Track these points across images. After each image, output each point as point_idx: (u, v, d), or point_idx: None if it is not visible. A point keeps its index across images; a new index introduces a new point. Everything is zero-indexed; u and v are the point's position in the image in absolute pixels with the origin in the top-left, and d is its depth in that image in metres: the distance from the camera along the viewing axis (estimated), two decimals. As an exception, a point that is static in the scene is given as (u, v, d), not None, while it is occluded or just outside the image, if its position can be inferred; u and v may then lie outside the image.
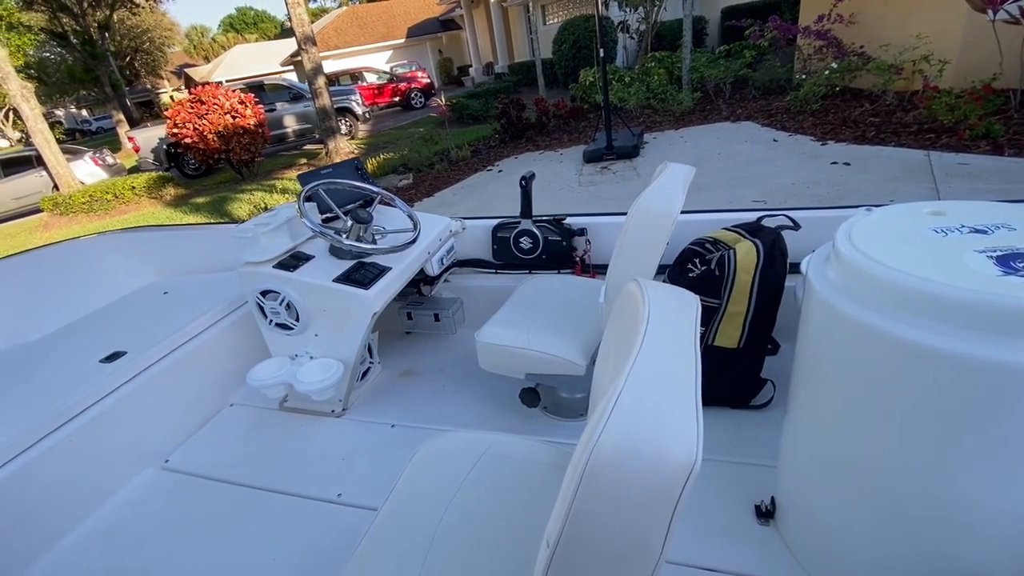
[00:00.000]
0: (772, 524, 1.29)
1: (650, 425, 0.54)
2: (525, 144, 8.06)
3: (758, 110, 7.36)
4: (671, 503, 0.51)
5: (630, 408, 0.55)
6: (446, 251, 2.14)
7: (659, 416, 0.55)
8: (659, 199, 1.24)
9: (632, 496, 0.52)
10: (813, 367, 1.06)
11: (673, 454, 0.51)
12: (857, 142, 5.68)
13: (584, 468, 0.53)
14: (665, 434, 0.53)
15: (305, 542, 1.45)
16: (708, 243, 1.70)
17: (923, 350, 0.81)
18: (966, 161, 4.71)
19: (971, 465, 0.84)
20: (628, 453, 0.52)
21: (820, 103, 6.69)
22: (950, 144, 5.04)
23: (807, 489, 1.18)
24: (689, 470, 0.51)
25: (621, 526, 0.53)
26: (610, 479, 0.52)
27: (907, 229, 0.98)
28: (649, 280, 0.82)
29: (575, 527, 0.54)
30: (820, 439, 1.10)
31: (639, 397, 0.56)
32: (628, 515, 0.53)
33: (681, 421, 0.54)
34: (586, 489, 0.53)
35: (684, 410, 0.55)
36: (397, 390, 2.06)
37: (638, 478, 0.51)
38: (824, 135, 6.02)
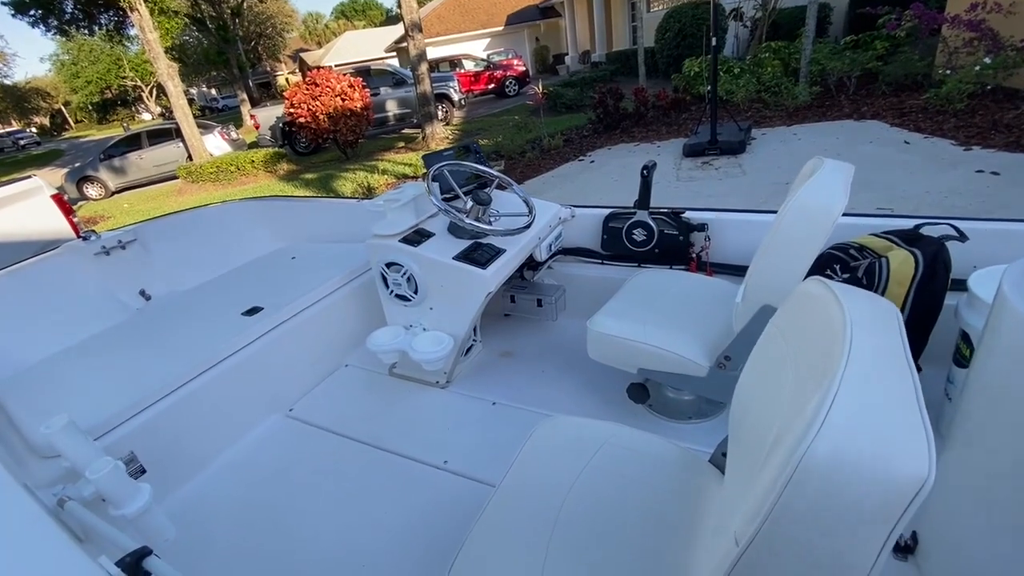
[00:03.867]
0: (911, 560, 1.18)
1: (872, 434, 0.50)
2: (620, 135, 7.87)
3: (888, 108, 6.64)
4: (889, 524, 0.48)
5: (847, 414, 0.52)
6: (554, 238, 2.14)
7: (881, 424, 0.51)
8: (819, 196, 1.15)
9: (847, 507, 0.49)
10: (998, 396, 0.94)
11: (901, 470, 0.47)
12: (1009, 149, 4.97)
13: (793, 471, 0.50)
14: (891, 442, 0.49)
15: (412, 502, 1.54)
16: (853, 249, 1.57)
17: None
18: None
19: None
20: (847, 461, 0.49)
21: (966, 103, 5.91)
22: None
23: (961, 527, 1.06)
24: (918, 489, 0.47)
25: (828, 538, 0.50)
26: (821, 487, 0.50)
27: None
28: (843, 286, 0.77)
29: (775, 530, 0.52)
30: (991, 475, 0.98)
31: (855, 403, 0.53)
32: (841, 526, 0.50)
33: (909, 431, 0.50)
34: (794, 492, 0.51)
35: (910, 421, 0.51)
36: (497, 369, 2.11)
37: (858, 488, 0.48)
38: (968, 139, 5.32)
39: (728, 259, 2.01)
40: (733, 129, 6.53)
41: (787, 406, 0.66)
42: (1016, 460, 0.93)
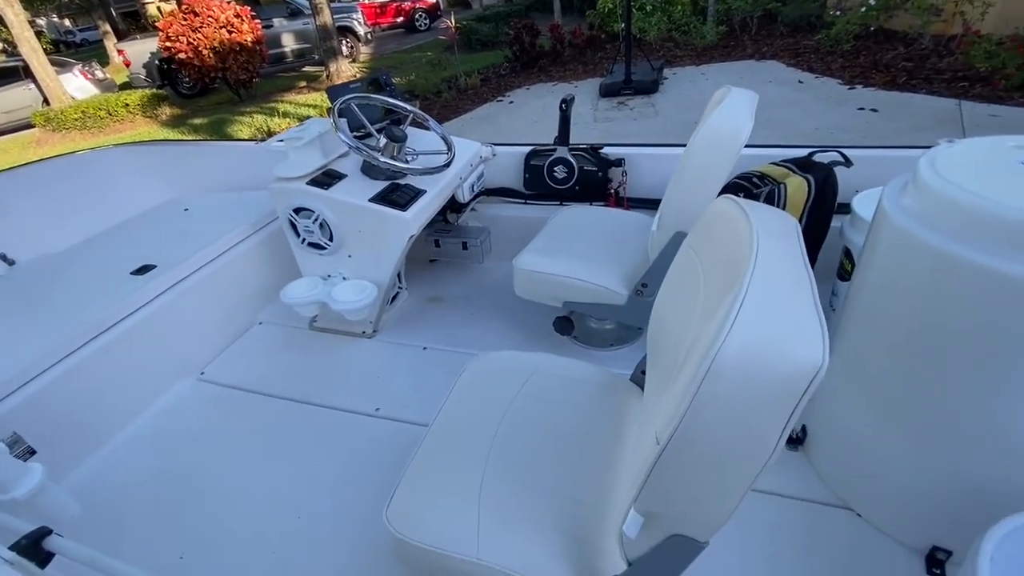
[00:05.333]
0: (801, 450, 1.36)
1: (775, 328, 0.54)
2: (537, 74, 7.70)
3: (785, 48, 7.01)
4: (792, 404, 0.53)
5: (753, 313, 0.55)
6: (476, 178, 2.08)
7: (783, 320, 0.55)
8: (727, 123, 1.19)
9: (756, 395, 0.53)
10: (875, 300, 1.07)
11: (801, 353, 0.52)
12: (887, 88, 5.46)
13: (707, 369, 0.53)
14: (791, 338, 0.53)
15: (346, 451, 1.51)
16: (755, 177, 1.67)
17: (1007, 279, 0.81)
18: (997, 113, 4.57)
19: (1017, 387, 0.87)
20: (753, 354, 0.53)
21: (852, 43, 6.37)
22: (983, 94, 4.86)
23: (842, 418, 1.22)
24: (816, 371, 0.51)
25: (739, 424, 0.55)
26: (733, 379, 0.53)
27: (994, 161, 0.95)
28: (754, 203, 0.80)
29: (691, 425, 0.56)
30: (868, 371, 1.12)
31: (761, 304, 0.56)
32: (748, 413, 0.54)
33: (805, 325, 0.54)
34: (707, 389, 0.54)
35: (807, 316, 0.55)
36: (426, 315, 2.08)
37: (763, 377, 0.52)
38: (853, 78, 5.77)
39: (644, 193, 2.07)
40: (646, 68, 6.60)
41: (700, 315, 0.70)
42: (889, 357, 1.07)
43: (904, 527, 1.12)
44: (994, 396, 0.90)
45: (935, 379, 0.97)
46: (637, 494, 0.63)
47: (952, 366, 0.94)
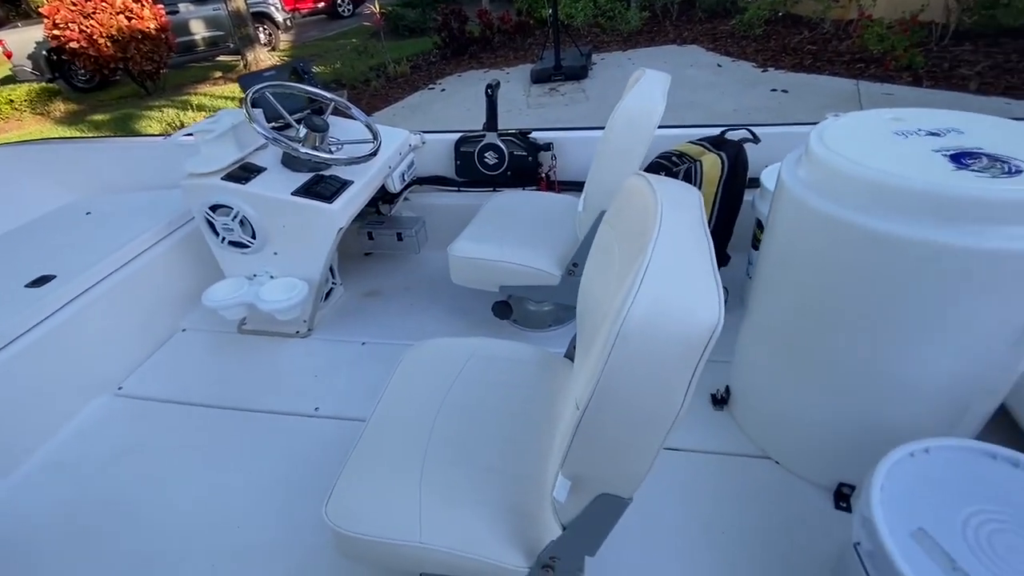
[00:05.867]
0: (726, 409, 1.46)
1: (676, 293, 0.58)
2: (468, 60, 7.61)
3: (704, 33, 7.32)
4: (695, 359, 0.57)
5: (657, 280, 0.59)
6: (407, 166, 2.05)
7: (683, 286, 0.59)
8: (641, 104, 1.24)
9: (661, 355, 0.57)
10: (779, 265, 1.16)
11: (699, 315, 0.56)
12: (795, 70, 5.84)
13: (616, 335, 0.56)
14: (691, 299, 0.57)
15: (286, 454, 1.47)
16: (674, 156, 1.74)
17: (887, 238, 0.90)
18: (890, 91, 5.00)
19: (912, 336, 0.98)
20: (657, 317, 0.56)
21: (763, 28, 6.75)
22: (877, 74, 5.30)
23: (758, 375, 1.32)
24: (713, 330, 0.56)
25: (649, 384, 0.58)
26: (640, 342, 0.57)
27: (873, 132, 1.05)
28: (662, 178, 0.84)
29: (606, 389, 0.59)
30: (777, 330, 1.22)
31: (663, 270, 0.60)
32: (656, 373, 0.58)
33: (703, 288, 0.58)
34: (617, 353, 0.57)
35: (704, 279, 0.60)
36: (363, 310, 2.04)
37: (666, 338, 0.56)
38: (765, 62, 6.13)
39: (574, 176, 2.12)
40: (575, 54, 6.69)
41: (615, 285, 0.73)
42: (794, 315, 1.16)
43: (815, 468, 1.24)
44: (882, 343, 1.01)
45: (833, 332, 1.07)
46: (563, 459, 0.66)
47: (846, 319, 1.04)
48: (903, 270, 0.92)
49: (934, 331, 0.95)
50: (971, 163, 0.90)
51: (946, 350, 0.96)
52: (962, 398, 1.03)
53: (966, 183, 0.85)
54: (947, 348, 0.96)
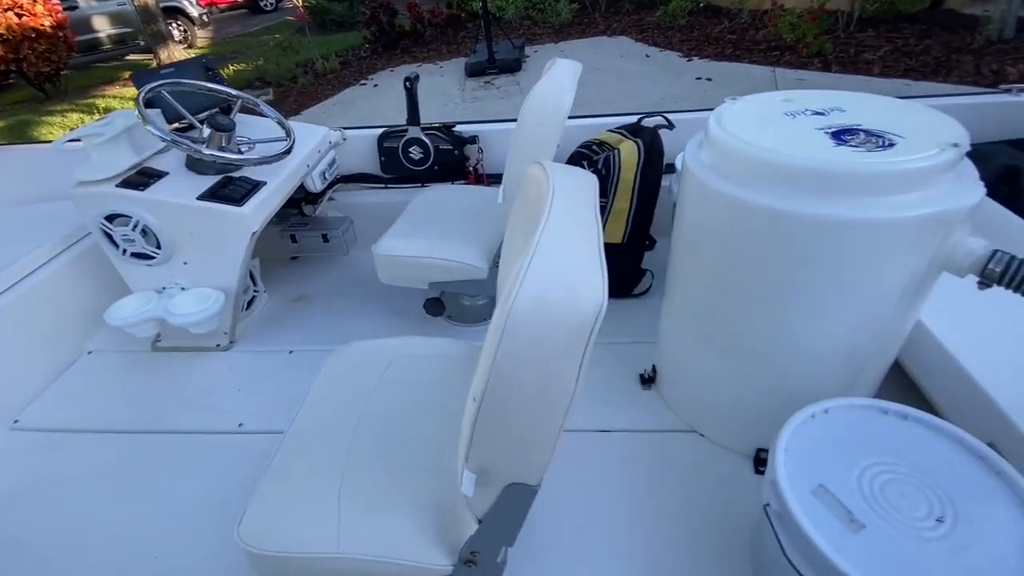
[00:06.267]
0: (653, 388, 1.50)
1: (561, 278, 0.58)
2: (400, 55, 7.45)
3: (632, 24, 7.50)
4: (583, 342, 0.57)
5: (542, 267, 0.58)
6: (328, 164, 1.97)
7: (568, 271, 0.59)
8: (549, 94, 1.25)
9: (549, 340, 0.57)
10: (689, 246, 1.19)
11: (583, 299, 0.56)
12: (718, 59, 6.09)
13: (504, 324, 0.56)
14: (575, 284, 0.57)
15: (208, 475, 1.38)
16: (595, 145, 1.77)
17: (777, 213, 0.95)
18: (803, 77, 5.31)
19: (809, 306, 1.03)
20: (543, 304, 0.56)
21: (686, 19, 6.99)
22: (791, 61, 5.61)
23: (681, 354, 1.37)
24: (598, 310, 0.56)
25: (540, 370, 0.58)
26: (528, 330, 0.56)
27: (765, 113, 1.10)
28: (559, 165, 0.85)
29: (499, 378, 0.58)
30: (693, 310, 1.26)
31: (550, 257, 0.60)
32: (546, 358, 0.57)
33: (587, 272, 0.59)
34: (507, 343, 0.56)
35: (589, 263, 0.60)
36: (290, 317, 1.95)
37: (554, 323, 0.56)
38: (690, 51, 6.35)
39: (501, 168, 2.11)
40: (508, 47, 6.69)
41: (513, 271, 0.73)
42: (705, 292, 1.20)
43: (736, 437, 1.30)
44: (783, 314, 1.06)
45: (740, 306, 1.12)
46: (466, 453, 0.65)
47: (750, 293, 1.08)
48: (794, 243, 0.97)
49: (827, 299, 1.01)
50: (849, 139, 0.95)
51: (839, 316, 1.02)
52: (858, 359, 1.10)
53: (843, 158, 0.90)
54: (840, 314, 1.02)
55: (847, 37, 5.78)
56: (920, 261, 0.94)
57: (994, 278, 0.90)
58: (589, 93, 5.77)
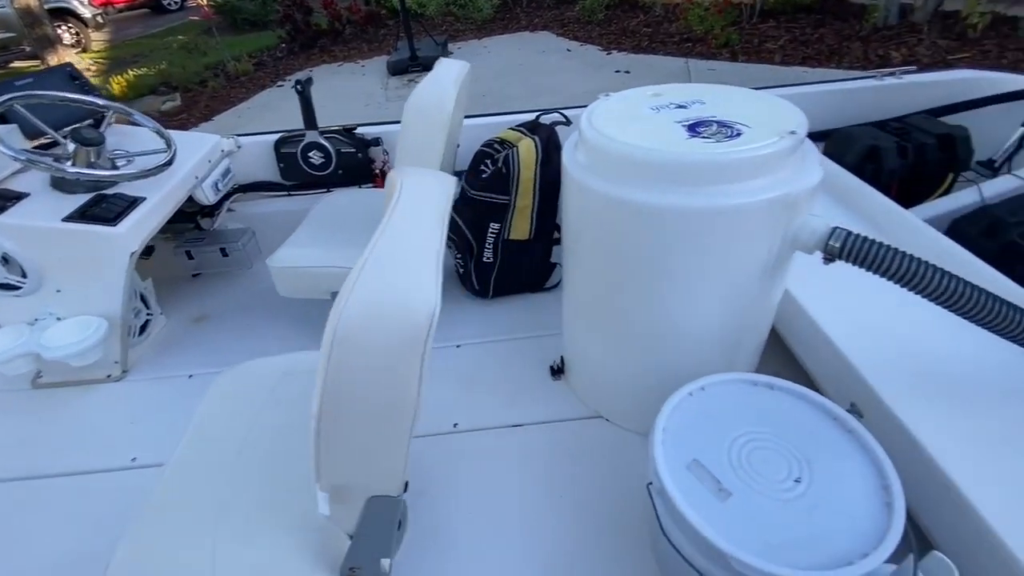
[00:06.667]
0: (563, 378, 1.53)
1: (394, 285, 0.57)
2: (319, 54, 7.19)
3: (554, 19, 7.60)
4: (419, 348, 0.57)
5: (374, 275, 0.58)
6: (221, 174, 1.87)
7: (402, 277, 0.58)
8: (430, 95, 1.24)
9: (383, 349, 0.56)
10: (575, 240, 1.22)
11: (416, 305, 0.56)
12: (635, 52, 6.28)
13: (333, 336, 0.55)
14: (408, 290, 0.57)
15: (96, 517, 1.28)
16: (496, 143, 1.77)
17: (641, 206, 0.98)
18: (714, 67, 5.57)
19: (683, 290, 1.08)
20: (375, 312, 0.55)
21: (604, 13, 7.16)
22: (702, 52, 5.88)
23: (581, 343, 1.40)
24: (431, 315, 0.56)
25: (377, 381, 0.57)
26: (360, 339, 0.55)
27: (632, 109, 1.14)
28: (412, 167, 0.84)
29: (334, 394, 0.57)
30: (585, 300, 1.30)
31: (383, 264, 0.59)
32: (383, 367, 0.57)
33: (421, 277, 0.58)
34: (339, 355, 0.55)
35: (424, 268, 0.60)
36: (191, 339, 1.84)
37: (386, 331, 0.55)
38: (609, 45, 6.52)
39: None
40: (431, 44, 6.60)
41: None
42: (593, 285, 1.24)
43: (634, 420, 1.35)
44: (662, 299, 1.11)
45: (624, 295, 1.16)
46: (316, 473, 0.63)
47: (631, 282, 1.13)
48: (660, 233, 1.01)
49: (697, 283, 1.07)
50: (703, 131, 1.01)
51: (710, 297, 1.08)
52: (733, 335, 1.17)
53: (694, 149, 0.95)
54: (710, 295, 1.08)
55: (751, 28, 6.11)
56: (773, 241, 1.01)
57: (835, 253, 0.98)
58: (514, 89, 5.82)
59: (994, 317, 0.90)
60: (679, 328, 1.15)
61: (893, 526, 0.81)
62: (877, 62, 4.97)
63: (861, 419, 1.12)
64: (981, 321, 0.91)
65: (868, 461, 0.92)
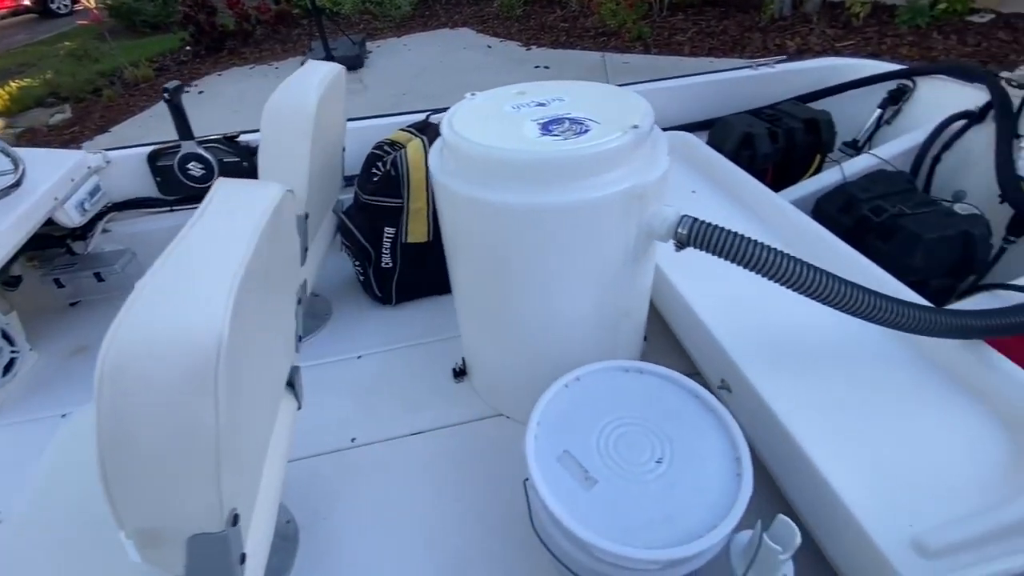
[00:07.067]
0: (466, 379, 1.53)
1: (173, 311, 0.54)
2: (229, 57, 6.82)
3: (473, 16, 7.57)
4: (210, 377, 0.53)
5: (151, 301, 0.54)
6: (88, 193, 1.72)
7: (183, 302, 0.55)
8: (290, 99, 1.19)
9: (163, 384, 0.52)
10: (452, 244, 1.21)
11: (197, 332, 0.53)
12: (554, 46, 6.36)
13: (100, 374, 0.51)
14: (189, 315, 0.54)
15: None
16: (386, 145, 1.74)
17: (498, 206, 0.99)
18: (628, 60, 5.73)
19: (556, 284, 1.10)
20: (149, 343, 0.52)
21: (522, 9, 7.20)
22: (617, 46, 6.03)
23: (476, 343, 1.40)
24: (218, 342, 0.53)
25: (161, 418, 0.54)
26: (133, 374, 0.52)
27: (493, 109, 1.14)
28: (237, 180, 0.80)
29: (112, 436, 0.53)
30: (470, 300, 1.30)
31: (163, 289, 0.55)
32: (163, 404, 0.53)
33: (209, 301, 0.55)
34: (109, 394, 0.51)
35: (215, 291, 0.56)
36: (68, 374, 1.69)
37: (164, 363, 0.52)
38: (528, 40, 6.56)
39: None
40: (347, 44, 6.40)
41: None
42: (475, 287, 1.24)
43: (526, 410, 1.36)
44: (539, 294, 1.12)
45: (504, 294, 1.16)
46: (115, 519, 0.59)
47: (507, 280, 1.13)
48: (523, 230, 1.02)
49: (567, 276, 1.09)
50: (555, 128, 1.02)
51: (580, 289, 1.11)
52: (609, 323, 1.20)
53: (543, 147, 0.96)
54: (580, 287, 1.10)
55: (662, 21, 6.33)
56: (629, 231, 1.04)
57: (684, 240, 1.02)
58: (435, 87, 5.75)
59: (828, 293, 0.96)
60: (558, 320, 1.16)
61: (740, 496, 0.86)
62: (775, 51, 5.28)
63: (731, 393, 1.18)
64: (817, 297, 0.98)
65: (724, 436, 0.96)
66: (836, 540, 0.92)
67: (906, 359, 1.10)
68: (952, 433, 0.97)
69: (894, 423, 0.99)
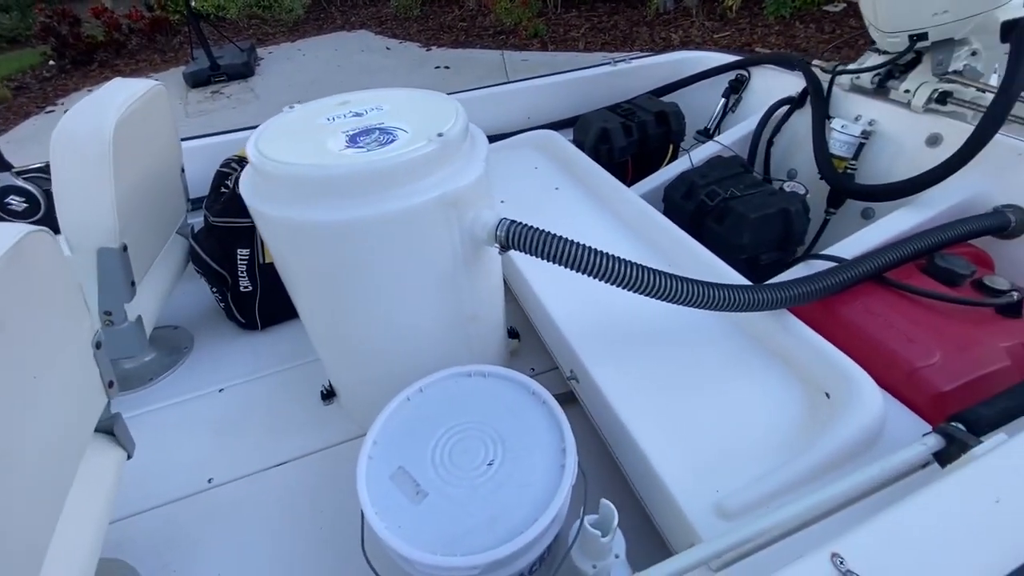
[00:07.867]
0: (334, 401, 1.48)
1: None
2: (100, 70, 6.24)
3: (371, 17, 7.39)
4: None
5: None
6: None
7: None
8: (83, 123, 1.08)
9: None
10: (282, 268, 1.16)
11: None
12: (454, 46, 6.35)
13: None
14: None
15: None
16: (234, 162, 1.65)
17: (311, 224, 0.95)
18: (527, 58, 5.82)
19: (397, 296, 1.08)
20: None
21: (420, 9, 7.11)
22: (515, 44, 6.11)
23: (333, 363, 1.36)
24: None
25: None
26: None
27: (306, 123, 1.10)
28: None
29: None
30: (315, 324, 1.25)
31: None
32: None
33: None
34: None
35: None
36: None
37: None
38: (428, 41, 6.50)
39: None
40: (234, 51, 6.05)
41: None
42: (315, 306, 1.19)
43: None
44: (371, 310, 1.10)
45: (340, 313, 1.13)
46: None
47: (341, 299, 1.10)
48: (340, 246, 0.99)
49: (400, 287, 1.07)
50: (362, 140, 1.00)
51: (419, 298, 1.10)
52: (460, 330, 1.20)
53: (344, 161, 0.94)
54: (418, 296, 1.09)
55: (557, 18, 6.48)
56: (452, 236, 1.04)
57: (504, 243, 1.03)
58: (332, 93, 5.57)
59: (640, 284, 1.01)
60: (403, 332, 1.15)
61: (561, 486, 0.88)
62: (661, 44, 5.55)
63: (579, 384, 1.22)
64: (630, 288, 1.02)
65: (554, 427, 0.99)
66: (659, 511, 0.97)
67: (727, 334, 1.18)
68: (762, 398, 1.05)
69: (711, 397, 1.05)
